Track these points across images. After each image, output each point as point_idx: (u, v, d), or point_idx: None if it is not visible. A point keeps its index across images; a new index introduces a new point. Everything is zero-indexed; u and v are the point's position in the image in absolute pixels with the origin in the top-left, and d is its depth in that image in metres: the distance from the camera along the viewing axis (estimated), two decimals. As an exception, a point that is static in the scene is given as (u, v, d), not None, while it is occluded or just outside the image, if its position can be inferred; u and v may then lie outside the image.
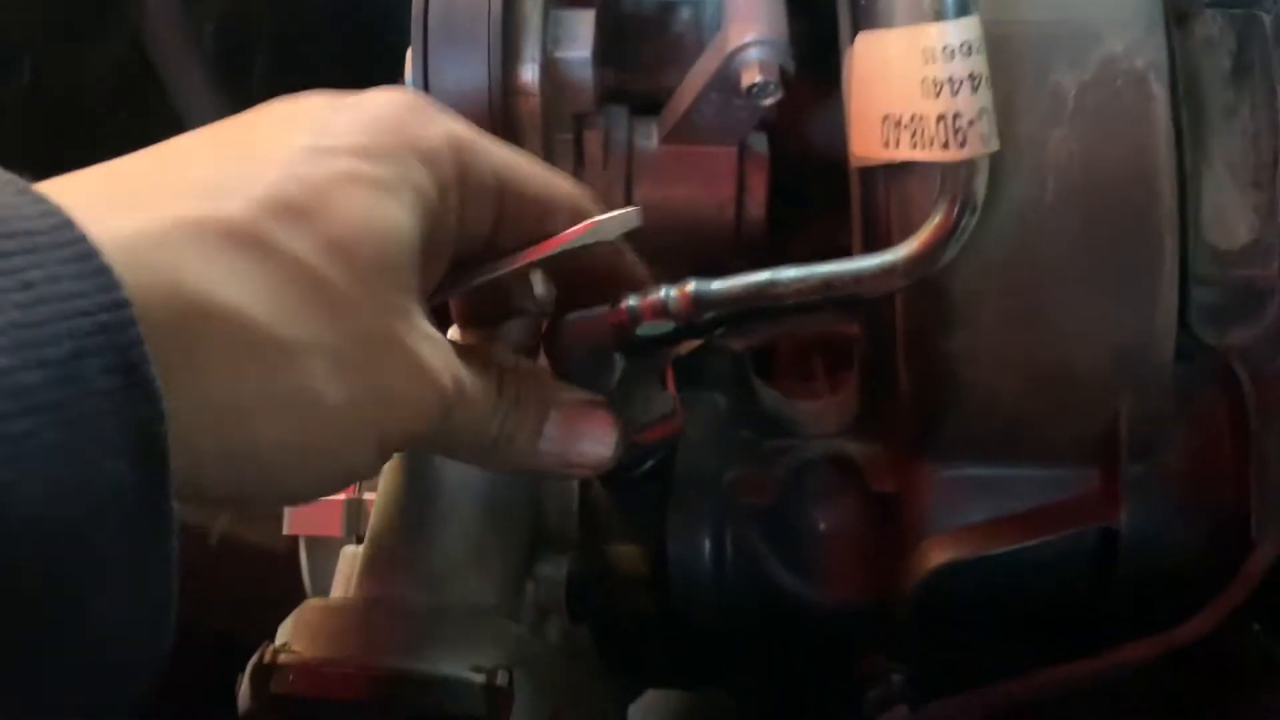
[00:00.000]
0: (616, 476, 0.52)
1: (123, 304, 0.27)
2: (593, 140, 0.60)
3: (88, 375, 0.27)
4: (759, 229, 0.62)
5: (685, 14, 0.67)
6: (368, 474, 0.38)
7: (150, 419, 0.28)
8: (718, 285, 0.44)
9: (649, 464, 0.52)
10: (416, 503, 0.49)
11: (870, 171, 0.49)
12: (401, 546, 0.48)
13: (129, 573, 0.28)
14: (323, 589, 0.57)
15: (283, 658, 0.45)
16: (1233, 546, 0.49)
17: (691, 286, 0.44)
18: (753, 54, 0.55)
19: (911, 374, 0.49)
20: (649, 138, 0.62)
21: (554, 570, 0.52)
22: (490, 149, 0.41)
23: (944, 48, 0.42)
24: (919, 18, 0.44)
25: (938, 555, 0.49)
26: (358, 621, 0.46)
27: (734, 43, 0.55)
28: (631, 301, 0.44)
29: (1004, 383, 0.48)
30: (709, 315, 0.44)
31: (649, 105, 0.64)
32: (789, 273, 0.44)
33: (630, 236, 0.61)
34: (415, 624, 0.45)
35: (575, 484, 0.53)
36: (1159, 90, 0.46)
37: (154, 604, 0.30)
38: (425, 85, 0.53)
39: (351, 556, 0.50)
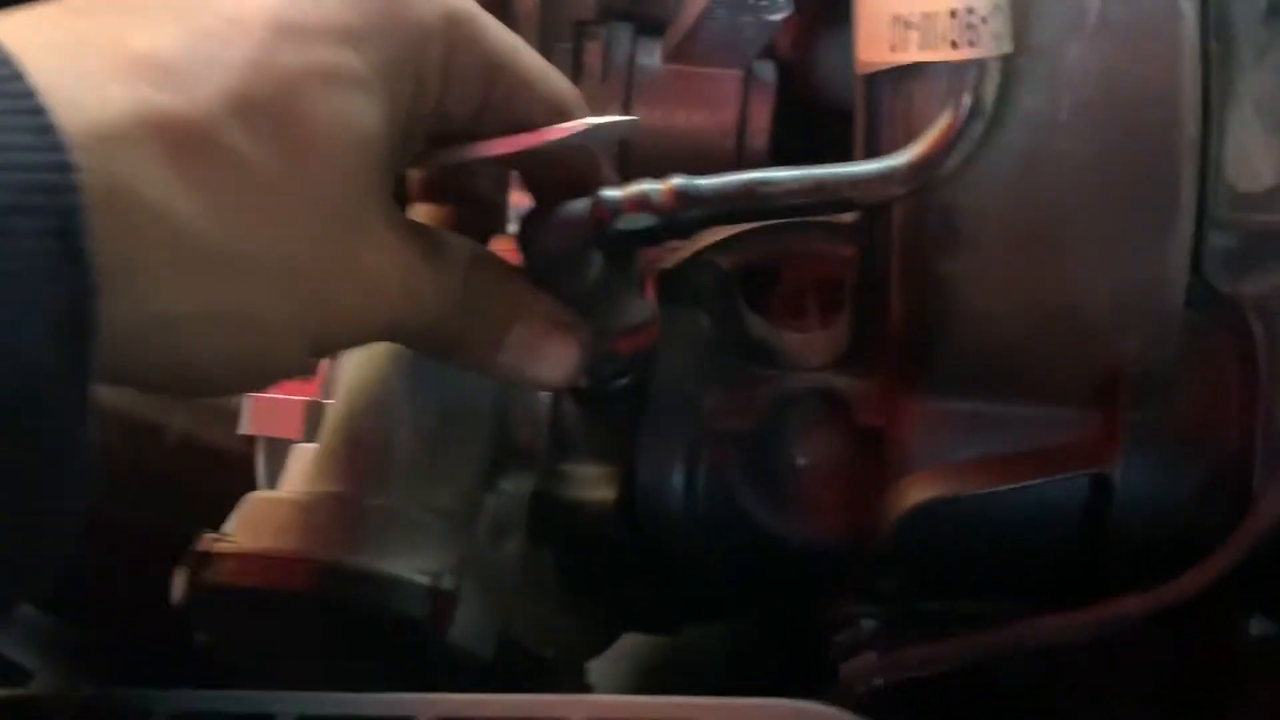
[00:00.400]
0: (589, 391, 0.50)
1: (67, 167, 0.25)
2: (593, 52, 0.58)
3: (20, 232, 0.24)
4: (760, 161, 0.60)
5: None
6: (299, 374, 0.39)
7: (80, 293, 0.25)
8: (705, 181, 0.41)
9: (624, 380, 0.49)
10: (373, 403, 0.47)
11: (874, 78, 0.46)
12: (354, 446, 0.46)
13: (41, 455, 0.26)
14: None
15: (220, 546, 0.43)
16: (1233, 504, 0.46)
17: (677, 180, 0.41)
18: (762, -36, 0.52)
19: (906, 297, 0.46)
20: (651, 56, 0.59)
21: (516, 485, 0.50)
22: (488, 31, 0.39)
23: (961, -64, 0.39)
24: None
25: (920, 492, 0.46)
26: (302, 516, 0.43)
27: (742, -49, 0.53)
28: (613, 193, 0.41)
29: (1002, 311, 0.45)
30: (694, 213, 0.41)
31: (657, 28, 0.61)
32: (781, 173, 0.42)
33: (622, 154, 0.58)
34: (362, 522, 0.43)
35: (547, 397, 0.51)
36: (1188, 10, 0.43)
37: (67, 487, 0.27)
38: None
39: (303, 454, 0.47)
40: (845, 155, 0.50)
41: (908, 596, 0.49)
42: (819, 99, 0.64)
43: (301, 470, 0.46)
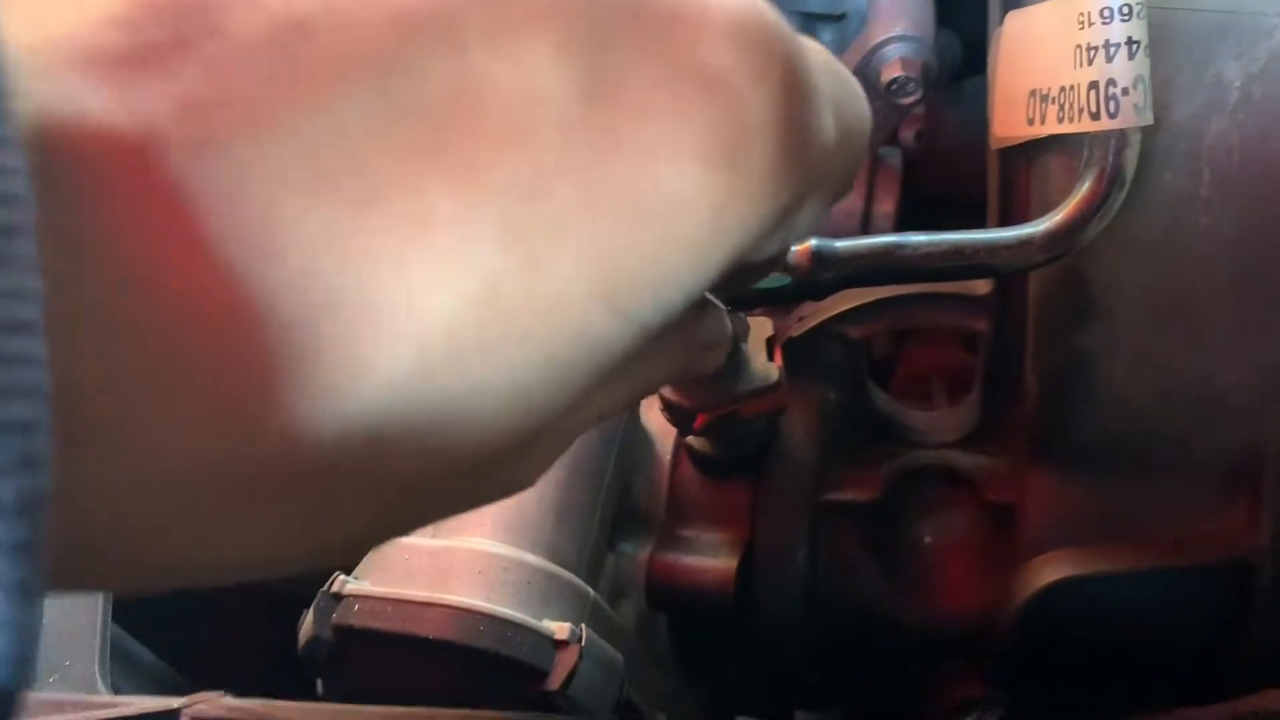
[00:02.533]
0: (711, 457, 0.50)
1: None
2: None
3: None
4: (883, 243, 0.60)
5: (827, 35, 0.67)
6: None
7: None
8: (841, 243, 0.42)
9: (746, 447, 0.49)
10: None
11: (1010, 152, 0.47)
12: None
13: None
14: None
15: (350, 588, 0.43)
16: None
17: (813, 241, 0.42)
18: (895, 49, 0.54)
19: (1041, 369, 0.46)
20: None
21: (636, 549, 0.50)
22: None
23: (1102, 9, 0.40)
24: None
25: (1052, 571, 0.45)
26: (432, 561, 0.44)
27: (876, 38, 0.54)
28: (749, 251, 0.42)
29: (1139, 386, 0.44)
30: (829, 274, 0.42)
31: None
32: (918, 237, 0.42)
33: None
34: (493, 571, 0.43)
35: (667, 459, 0.51)
36: (1333, 90, 0.43)
37: None
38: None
39: (432, 504, 0.48)
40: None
41: (1033, 683, 0.47)
42: (942, 187, 0.65)
43: (430, 520, 0.47)
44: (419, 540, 0.46)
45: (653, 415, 0.51)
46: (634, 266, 0.19)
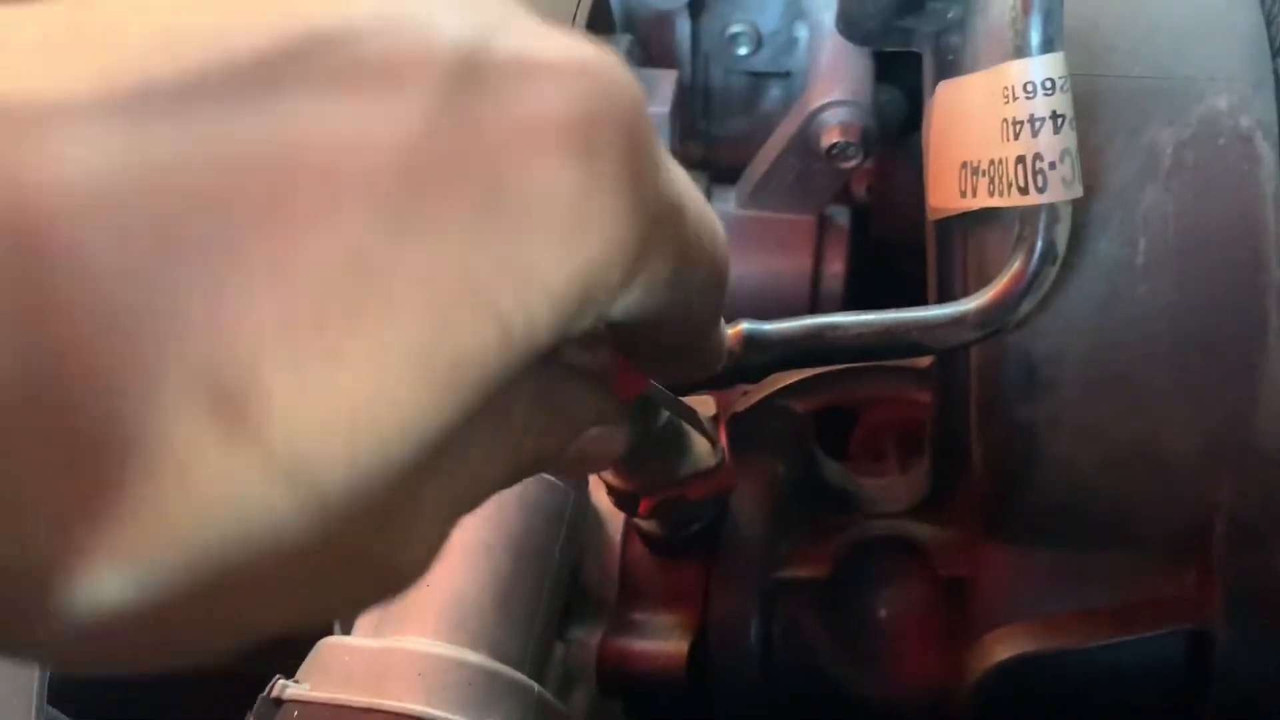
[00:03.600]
0: (661, 538, 0.50)
1: None
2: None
3: None
4: (834, 304, 0.60)
5: (775, 90, 0.67)
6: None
7: None
8: (771, 326, 0.41)
9: (696, 526, 0.48)
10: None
11: (945, 224, 0.46)
12: (425, 590, 0.46)
13: None
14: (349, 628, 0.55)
15: (290, 692, 0.42)
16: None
17: (744, 325, 0.42)
18: (834, 115, 0.53)
19: (985, 444, 0.45)
20: (727, 202, 0.60)
21: (586, 634, 0.49)
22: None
23: (1025, 84, 0.39)
24: (1001, 58, 0.42)
25: (1007, 647, 0.44)
26: (372, 663, 0.43)
27: (814, 103, 0.54)
28: (681, 337, 0.42)
29: (1085, 457, 0.44)
30: (761, 358, 0.41)
31: (730, 176, 0.63)
32: (849, 318, 0.41)
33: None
34: (434, 672, 0.42)
35: (616, 541, 0.50)
36: (1267, 150, 0.43)
37: None
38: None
39: (375, 598, 0.47)
40: (922, 291, 0.50)
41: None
42: (899, 235, 0.64)
43: (372, 616, 0.46)
44: (359, 641, 0.45)
45: (602, 495, 0.51)
46: (493, 262, 0.18)
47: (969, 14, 0.48)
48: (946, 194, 0.44)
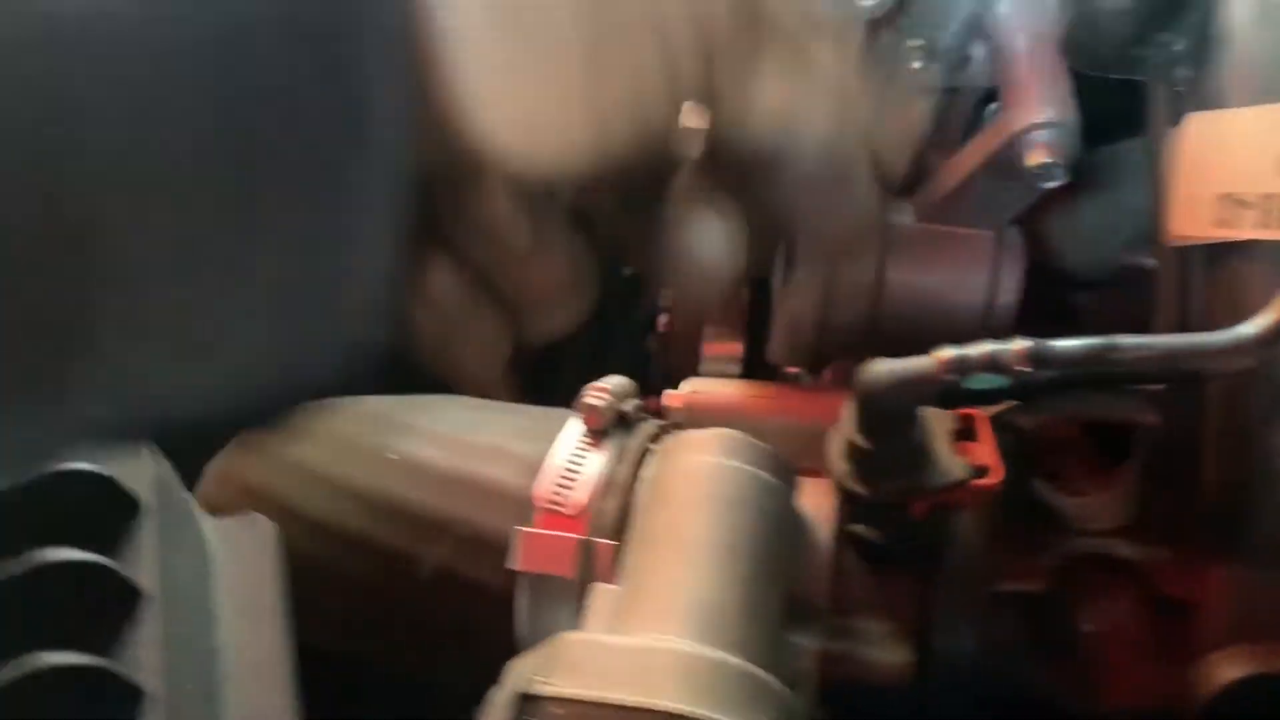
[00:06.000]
0: (879, 548, 0.50)
1: None
2: (853, 209, 0.59)
3: None
4: (1007, 319, 0.61)
5: (944, 99, 0.67)
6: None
7: None
8: (1058, 344, 0.42)
9: (918, 538, 0.49)
10: (675, 543, 0.46)
11: (1188, 250, 0.47)
12: (667, 588, 0.45)
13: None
14: (542, 629, 0.54)
15: (549, 690, 0.42)
16: None
17: (1029, 342, 0.42)
18: (1042, 134, 0.54)
19: (1223, 468, 0.46)
20: (903, 213, 0.61)
21: (807, 639, 0.49)
22: None
23: (1322, 123, 0.41)
24: (1259, 94, 0.43)
25: (1235, 668, 0.45)
26: (631, 661, 0.42)
27: (1020, 122, 0.55)
28: (964, 352, 0.42)
29: (1327, 485, 0.45)
30: (1045, 375, 0.42)
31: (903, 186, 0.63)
32: (1132, 339, 0.42)
33: (871, 309, 0.60)
34: (699, 672, 0.42)
35: (825, 549, 0.50)
36: None
37: None
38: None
39: (607, 594, 0.47)
40: (1069, 319, 0.51)
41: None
42: (1051, 264, 0.65)
43: (609, 611, 0.46)
44: (608, 638, 0.44)
45: (807, 499, 0.51)
46: None
47: (1208, 48, 0.49)
48: (1198, 223, 0.45)
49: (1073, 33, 0.53)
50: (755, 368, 0.80)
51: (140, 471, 0.42)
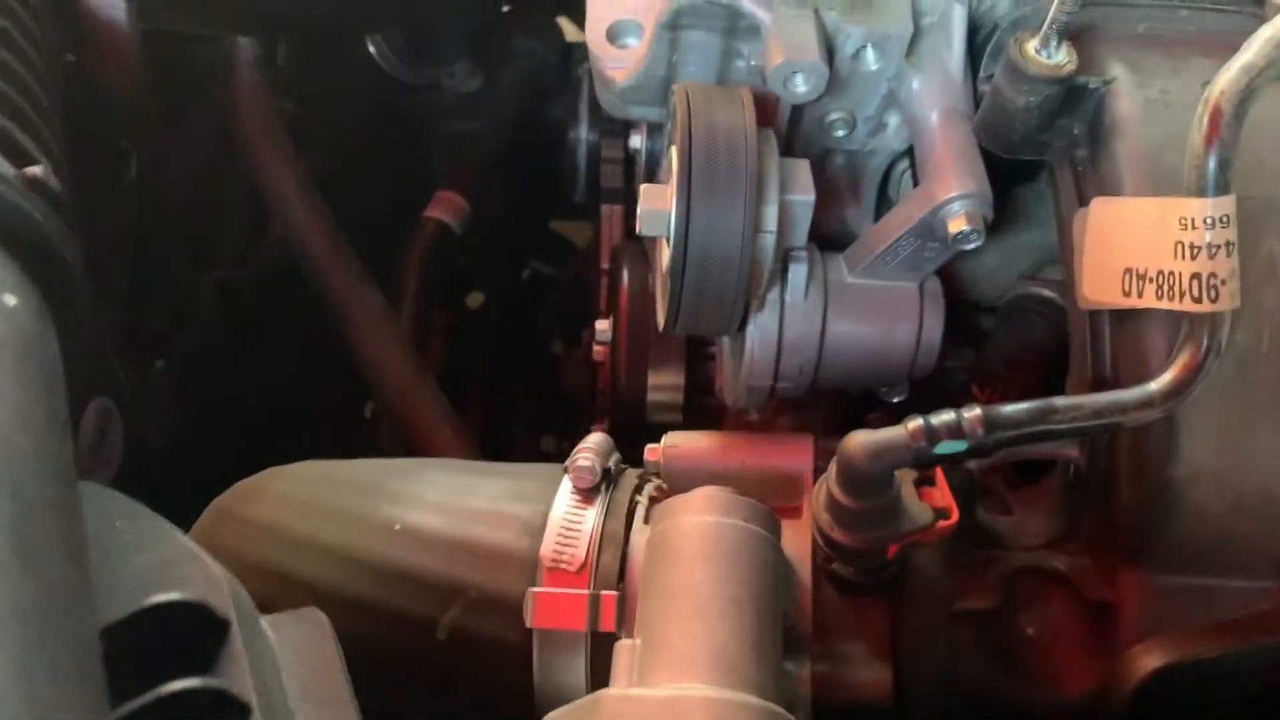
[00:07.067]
0: (852, 581, 0.58)
1: None
2: (799, 274, 0.66)
3: None
4: (931, 360, 0.69)
5: (839, 160, 0.75)
6: None
7: None
8: (1007, 409, 0.50)
9: (887, 571, 0.57)
10: (693, 599, 0.53)
11: (1099, 314, 0.56)
12: (688, 640, 0.52)
13: None
14: (554, 683, 0.60)
15: (600, 745, 0.48)
16: None
17: (979, 410, 0.50)
18: (961, 205, 0.62)
19: (1133, 494, 0.55)
20: (839, 272, 0.68)
21: (796, 667, 0.56)
22: None
23: (1206, 219, 0.49)
24: (1162, 191, 0.52)
25: (1153, 659, 0.55)
26: (661, 711, 0.49)
27: (942, 195, 0.63)
28: (931, 421, 0.50)
29: (1216, 503, 0.55)
30: (997, 436, 0.50)
31: (834, 245, 0.71)
32: (1064, 401, 0.51)
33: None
34: (725, 715, 0.49)
35: (808, 583, 0.58)
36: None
37: None
38: (687, 217, 0.59)
39: (629, 650, 0.53)
40: (975, 339, 0.59)
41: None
42: (960, 296, 0.74)
43: (633, 664, 0.52)
44: (641, 692, 0.51)
45: (786, 540, 0.58)
46: None
47: (1101, 135, 0.57)
48: (1106, 291, 0.54)
49: (988, 122, 0.61)
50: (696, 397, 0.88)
51: (219, 588, 0.46)
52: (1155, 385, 0.51)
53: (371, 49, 1.17)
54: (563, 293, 1.35)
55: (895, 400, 0.74)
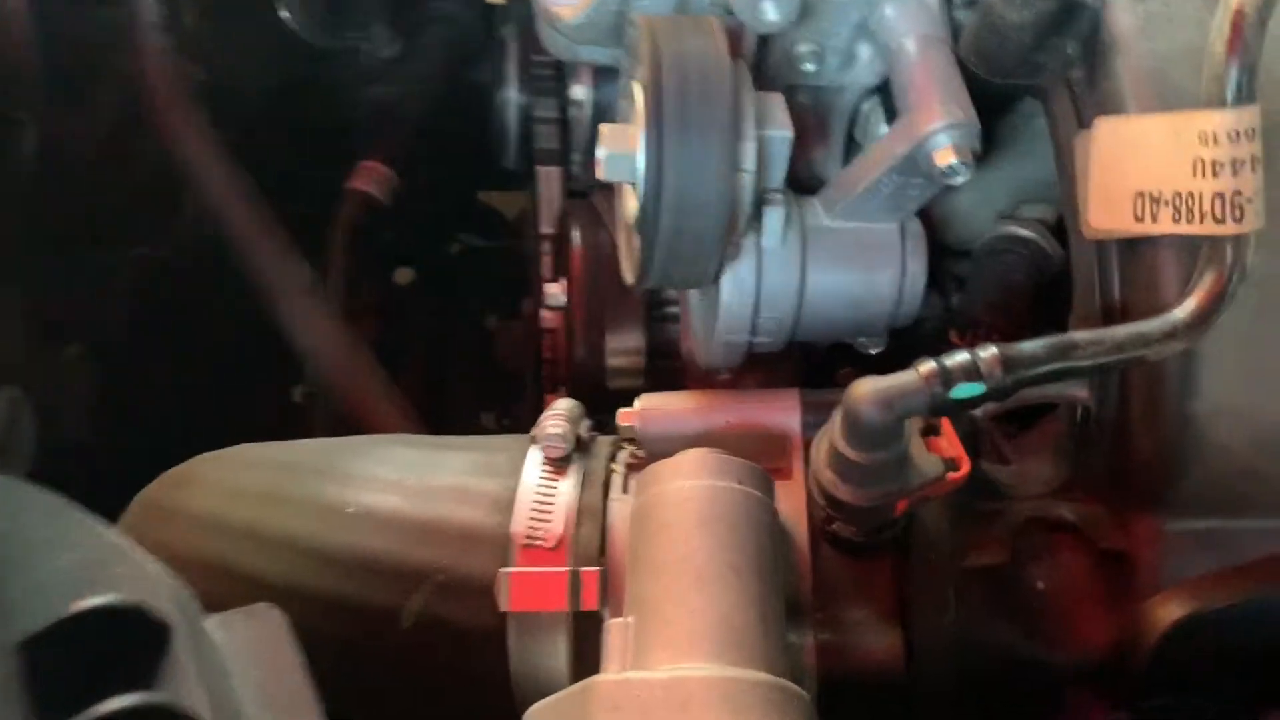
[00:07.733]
0: (855, 541, 0.53)
1: None
2: (776, 217, 0.62)
3: None
4: (914, 307, 0.65)
5: (805, 98, 0.70)
6: None
7: None
8: (1025, 346, 0.46)
9: (889, 531, 0.53)
10: (689, 570, 0.48)
11: (1106, 244, 0.52)
12: (686, 615, 0.47)
13: None
14: (533, 670, 0.55)
15: (598, 733, 0.43)
16: None
17: (998, 348, 0.46)
18: (948, 136, 0.58)
19: (1150, 434, 0.52)
20: (816, 216, 0.64)
21: (799, 637, 0.52)
22: None
23: (1229, 132, 0.46)
24: (1170, 109, 0.48)
25: (1175, 609, 0.51)
26: (668, 694, 0.44)
27: (926, 126, 0.58)
28: (945, 363, 0.45)
29: (1238, 439, 0.51)
30: (1016, 376, 0.46)
31: (808, 188, 0.66)
32: (1083, 335, 0.47)
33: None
34: (734, 694, 0.44)
35: (805, 546, 0.53)
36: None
37: None
38: (659, 157, 0.54)
39: (621, 628, 0.48)
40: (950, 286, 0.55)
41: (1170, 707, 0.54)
42: (933, 238, 0.70)
43: (627, 645, 0.47)
44: (639, 674, 0.46)
45: (782, 504, 0.54)
46: None
47: (1100, 53, 0.54)
48: (1115, 217, 0.50)
49: (979, 43, 0.56)
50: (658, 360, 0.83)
51: (156, 588, 0.41)
52: (1180, 312, 0.47)
53: (284, 13, 1.10)
54: (495, 264, 1.30)
55: (872, 352, 0.70)
